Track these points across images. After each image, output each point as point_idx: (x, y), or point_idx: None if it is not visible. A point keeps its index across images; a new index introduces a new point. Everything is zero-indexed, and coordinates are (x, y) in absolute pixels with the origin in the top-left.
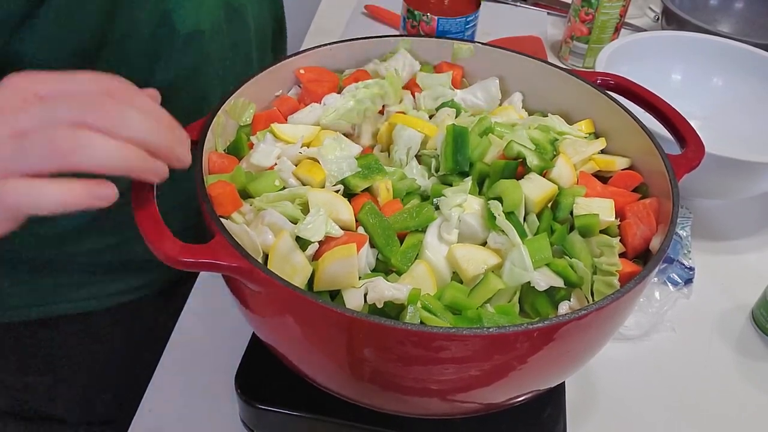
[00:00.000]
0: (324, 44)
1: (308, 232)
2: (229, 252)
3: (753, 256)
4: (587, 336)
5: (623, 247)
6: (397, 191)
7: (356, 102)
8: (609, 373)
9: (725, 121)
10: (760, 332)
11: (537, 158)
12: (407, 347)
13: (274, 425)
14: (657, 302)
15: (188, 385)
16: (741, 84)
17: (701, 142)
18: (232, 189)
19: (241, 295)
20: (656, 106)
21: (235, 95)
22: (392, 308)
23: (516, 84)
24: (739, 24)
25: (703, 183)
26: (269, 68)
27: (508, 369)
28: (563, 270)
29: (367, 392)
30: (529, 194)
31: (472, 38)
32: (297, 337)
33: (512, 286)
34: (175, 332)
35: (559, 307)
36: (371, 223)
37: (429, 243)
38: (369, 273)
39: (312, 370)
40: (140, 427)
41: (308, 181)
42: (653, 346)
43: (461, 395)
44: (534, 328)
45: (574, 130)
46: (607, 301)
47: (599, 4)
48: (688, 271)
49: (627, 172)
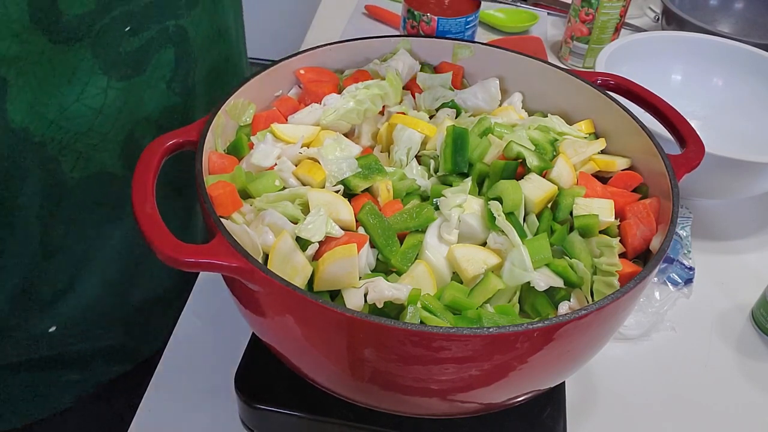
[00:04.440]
0: (324, 44)
1: (308, 232)
2: (230, 252)
3: (753, 256)
4: (587, 336)
5: (623, 248)
6: (397, 191)
7: (356, 102)
8: (609, 373)
9: (725, 121)
10: (760, 332)
11: (537, 159)
12: (407, 347)
13: (273, 425)
14: (657, 302)
15: (188, 385)
16: (741, 84)
17: (701, 142)
18: (232, 189)
19: (241, 295)
20: (656, 106)
21: (235, 95)
22: (392, 308)
23: (516, 84)
24: (739, 24)
25: (703, 183)
26: (269, 68)
27: (508, 369)
28: (563, 270)
29: (367, 392)
30: (529, 195)
31: (472, 38)
32: (297, 337)
33: (512, 286)
34: (175, 332)
35: (559, 307)
36: (371, 224)
37: (429, 243)
38: (369, 273)
39: (312, 370)
40: (140, 427)
41: (308, 181)
42: (653, 345)
43: (461, 395)
44: (534, 328)
45: (574, 130)
46: (607, 301)
47: (599, 5)
48: (688, 271)
49: (627, 172)
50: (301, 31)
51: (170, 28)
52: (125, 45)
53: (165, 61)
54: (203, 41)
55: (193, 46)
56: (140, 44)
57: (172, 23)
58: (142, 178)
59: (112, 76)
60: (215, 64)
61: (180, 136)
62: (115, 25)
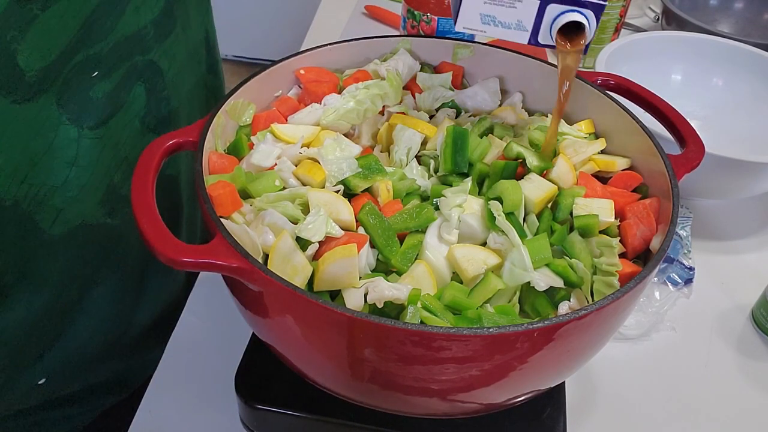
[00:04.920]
0: (324, 44)
1: (308, 232)
2: (230, 252)
3: (753, 256)
4: (587, 336)
5: (623, 248)
6: (397, 191)
7: (356, 102)
8: (609, 373)
9: (725, 121)
10: (760, 332)
11: (537, 159)
12: (407, 347)
13: (273, 425)
14: (657, 302)
15: (188, 385)
16: (741, 84)
17: (701, 142)
18: (233, 189)
19: (241, 295)
20: (656, 106)
21: (235, 95)
22: (392, 308)
23: (516, 84)
24: (739, 24)
25: (703, 183)
26: (269, 68)
27: (508, 369)
28: (563, 270)
29: (367, 392)
30: (529, 195)
31: (472, 38)
32: (297, 337)
33: (512, 286)
34: (175, 332)
35: (559, 307)
36: (371, 224)
37: (429, 243)
38: (369, 273)
39: (312, 370)
40: (140, 427)
41: (308, 181)
42: (653, 345)
43: (461, 395)
44: (534, 328)
45: (574, 130)
46: (607, 301)
47: None
48: (688, 271)
49: (627, 172)
50: (301, 31)
51: (139, 64)
52: (96, 90)
53: (136, 97)
54: (180, 67)
55: (167, 76)
56: (112, 86)
57: (140, 59)
58: (142, 178)
59: (84, 125)
60: (197, 78)
61: (180, 136)
62: (81, 72)
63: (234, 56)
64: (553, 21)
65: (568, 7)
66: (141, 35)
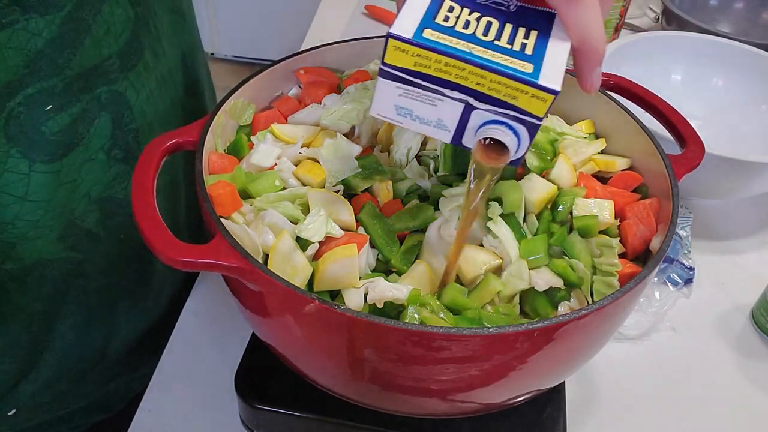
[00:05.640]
0: (324, 44)
1: (309, 232)
2: (230, 252)
3: (753, 256)
4: (587, 336)
5: (623, 248)
6: (397, 191)
7: (356, 102)
8: (609, 372)
9: (725, 121)
10: (760, 332)
11: (537, 159)
12: (407, 347)
13: (273, 425)
14: (657, 302)
15: (188, 385)
16: (741, 84)
17: (701, 142)
18: (232, 189)
19: (241, 295)
20: (656, 106)
21: (235, 95)
22: (392, 308)
23: None
24: (739, 24)
25: (703, 183)
26: (269, 68)
27: (508, 369)
28: (563, 270)
29: (367, 392)
30: (529, 195)
31: None
32: (297, 337)
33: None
34: (175, 332)
35: (559, 307)
36: (371, 224)
37: (429, 243)
38: (369, 273)
39: (312, 370)
40: (140, 427)
41: (308, 181)
42: (653, 345)
43: (461, 395)
44: (534, 328)
45: (574, 130)
46: (607, 301)
47: None
48: (688, 271)
49: (627, 172)
50: (301, 31)
51: (102, 96)
52: (50, 125)
53: (99, 130)
54: (150, 95)
55: (135, 105)
56: (70, 121)
57: (104, 90)
58: (141, 178)
59: (36, 159)
60: (172, 102)
61: (180, 136)
62: (33, 105)
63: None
64: (478, 128)
65: (496, 117)
66: (104, 67)
